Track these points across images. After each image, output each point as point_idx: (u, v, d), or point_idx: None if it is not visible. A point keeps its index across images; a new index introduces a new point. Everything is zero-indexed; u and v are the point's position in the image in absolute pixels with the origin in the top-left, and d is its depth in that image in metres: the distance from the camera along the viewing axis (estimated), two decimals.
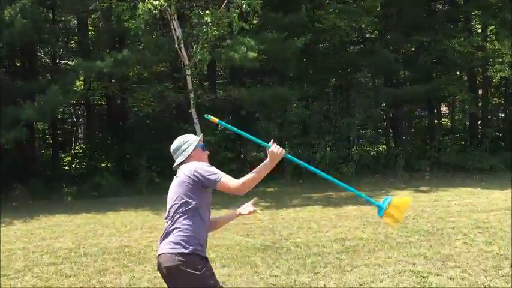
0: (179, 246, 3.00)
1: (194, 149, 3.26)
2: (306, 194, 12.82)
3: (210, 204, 3.25)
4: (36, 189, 15.05)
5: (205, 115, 3.42)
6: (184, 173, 3.14)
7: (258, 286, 5.07)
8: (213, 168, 3.14)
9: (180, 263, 2.98)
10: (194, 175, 3.09)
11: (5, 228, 9.52)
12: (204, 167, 3.13)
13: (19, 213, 11.52)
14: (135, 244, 7.41)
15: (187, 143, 3.28)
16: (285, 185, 15.05)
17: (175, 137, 3.34)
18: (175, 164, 3.27)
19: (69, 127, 23.93)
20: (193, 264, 2.99)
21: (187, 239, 3.01)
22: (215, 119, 3.33)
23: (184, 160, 3.24)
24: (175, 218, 3.08)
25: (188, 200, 3.08)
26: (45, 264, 6.36)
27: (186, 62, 14.73)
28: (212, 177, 3.08)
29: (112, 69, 14.03)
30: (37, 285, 5.45)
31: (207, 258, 3.15)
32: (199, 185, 3.08)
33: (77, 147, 21.69)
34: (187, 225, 3.04)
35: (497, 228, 7.43)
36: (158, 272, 4.80)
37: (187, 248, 3.00)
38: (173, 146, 3.31)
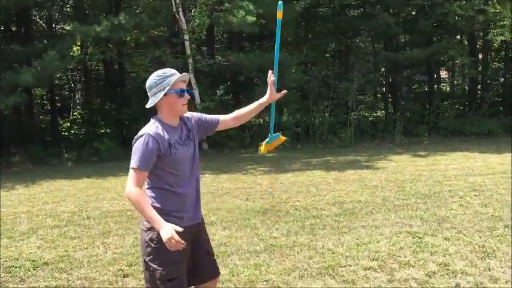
0: (143, 219, 2.79)
1: (165, 95, 2.75)
2: (305, 159, 12.93)
3: (179, 163, 2.78)
4: (36, 154, 15.15)
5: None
6: None
7: (258, 247, 5.19)
8: (139, 152, 2.68)
9: (142, 233, 2.83)
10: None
11: (7, 193, 9.65)
12: (136, 144, 2.72)
13: (21, 178, 11.65)
14: None
15: (159, 85, 2.75)
16: (284, 150, 15.14)
17: None
18: (147, 106, 2.86)
19: (67, 93, 23.86)
20: (149, 238, 2.75)
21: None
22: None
23: (153, 107, 2.82)
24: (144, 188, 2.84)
25: None
26: (49, 227, 6.48)
27: (184, 26, 14.58)
28: (131, 161, 2.72)
29: (109, 33, 13.90)
30: (42, 246, 5.57)
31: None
32: None
33: (75, 113, 21.68)
34: (150, 196, 2.80)
35: (493, 191, 7.55)
36: None
37: (147, 223, 2.74)
38: (147, 83, 2.82)
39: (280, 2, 2.67)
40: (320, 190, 8.36)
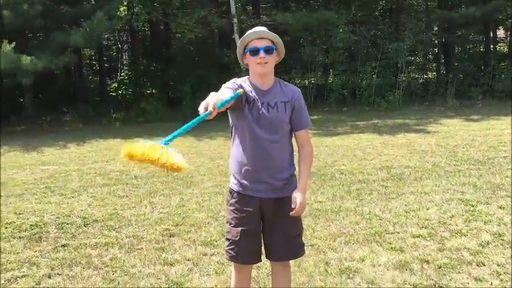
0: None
1: (244, 53, 2.61)
2: (351, 122, 12.66)
3: (247, 123, 2.56)
4: (86, 114, 15.58)
5: None
6: None
7: None
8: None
9: None
10: None
11: (59, 151, 10.00)
12: None
13: (72, 137, 12.03)
14: None
15: (240, 44, 2.62)
16: (329, 112, 14.88)
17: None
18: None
19: (114, 53, 24.21)
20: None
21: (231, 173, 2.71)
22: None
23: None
24: None
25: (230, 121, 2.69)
26: (99, 185, 6.66)
27: None
28: None
29: None
30: (92, 204, 5.74)
31: (236, 191, 2.65)
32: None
33: (122, 74, 22.02)
34: (231, 153, 2.71)
35: None
36: (205, 196, 4.77)
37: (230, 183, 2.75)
38: None
39: None
40: (367, 154, 8.17)
